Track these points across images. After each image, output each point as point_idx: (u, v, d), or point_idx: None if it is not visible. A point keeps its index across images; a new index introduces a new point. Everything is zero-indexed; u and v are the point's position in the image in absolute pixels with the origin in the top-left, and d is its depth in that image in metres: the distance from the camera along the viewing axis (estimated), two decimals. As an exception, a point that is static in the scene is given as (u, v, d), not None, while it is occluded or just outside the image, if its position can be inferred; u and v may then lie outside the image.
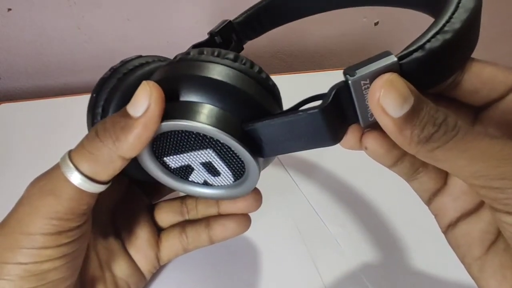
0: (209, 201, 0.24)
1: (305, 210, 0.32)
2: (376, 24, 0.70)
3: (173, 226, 0.25)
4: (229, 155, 0.18)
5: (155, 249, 0.24)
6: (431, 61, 0.14)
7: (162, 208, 0.26)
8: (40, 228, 0.17)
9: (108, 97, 0.21)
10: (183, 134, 0.17)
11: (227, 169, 0.19)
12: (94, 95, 0.21)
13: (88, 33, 0.53)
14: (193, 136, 0.17)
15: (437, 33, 0.14)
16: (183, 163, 0.19)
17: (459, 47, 0.15)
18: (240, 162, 0.18)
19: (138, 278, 0.23)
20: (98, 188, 0.17)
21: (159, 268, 0.25)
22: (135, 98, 0.16)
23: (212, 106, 0.17)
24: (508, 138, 0.15)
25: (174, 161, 0.19)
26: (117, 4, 0.52)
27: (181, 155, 0.19)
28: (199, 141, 0.18)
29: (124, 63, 0.22)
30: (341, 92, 0.15)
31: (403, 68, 0.14)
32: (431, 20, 0.16)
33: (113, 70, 0.21)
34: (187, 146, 0.18)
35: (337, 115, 0.16)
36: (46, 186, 0.17)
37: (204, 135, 0.17)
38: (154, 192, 0.27)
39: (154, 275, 0.26)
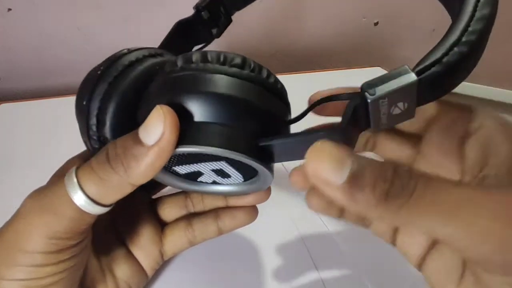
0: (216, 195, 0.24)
1: (305, 210, 0.32)
2: (376, 24, 0.70)
3: (178, 220, 0.25)
4: (242, 165, 0.17)
5: (159, 245, 0.24)
6: (447, 74, 0.14)
7: (165, 203, 0.25)
8: (39, 247, 0.16)
9: (102, 106, 0.19)
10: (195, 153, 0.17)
11: (238, 173, 0.19)
12: (84, 102, 0.19)
13: (88, 33, 0.53)
14: (206, 154, 0.17)
15: (454, 44, 0.14)
16: (192, 170, 0.19)
17: (473, 58, 0.15)
18: (253, 169, 0.18)
19: (140, 278, 0.23)
20: (101, 210, 0.17)
21: (162, 263, 0.25)
22: (148, 124, 0.15)
23: (224, 126, 0.16)
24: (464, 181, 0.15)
25: (183, 169, 0.19)
26: (116, 5, 0.52)
27: (192, 165, 0.18)
28: (212, 157, 0.17)
29: (111, 62, 0.19)
30: (359, 108, 0.15)
31: (420, 83, 0.14)
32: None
33: (101, 72, 0.19)
34: (199, 159, 0.18)
35: (352, 125, 0.16)
36: (47, 204, 0.16)
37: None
38: (153, 186, 0.26)
39: (154, 275, 0.26)
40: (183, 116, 0.16)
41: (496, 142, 0.15)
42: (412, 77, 0.13)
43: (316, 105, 0.18)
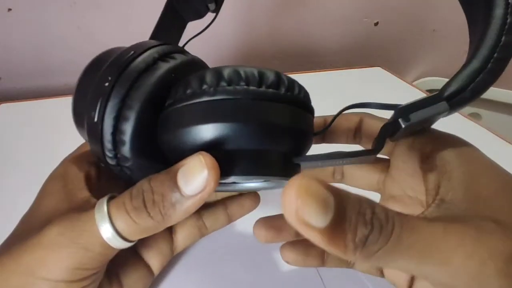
0: None
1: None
2: (376, 24, 0.70)
3: None
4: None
5: (169, 241, 0.23)
6: (471, 99, 0.14)
7: None
8: (63, 276, 0.16)
9: (118, 125, 0.17)
10: None
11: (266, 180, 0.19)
12: (95, 120, 0.17)
13: (88, 33, 0.53)
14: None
15: (481, 70, 0.14)
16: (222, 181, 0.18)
17: (494, 81, 0.15)
18: None
19: (146, 280, 0.23)
20: (125, 245, 0.17)
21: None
22: (189, 174, 0.14)
23: (264, 151, 0.15)
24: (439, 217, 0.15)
25: None
26: (116, 4, 0.52)
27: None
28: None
29: (120, 69, 0.17)
30: (389, 128, 0.15)
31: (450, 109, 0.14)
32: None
33: (112, 85, 0.17)
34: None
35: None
36: (75, 237, 0.16)
37: None
38: None
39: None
40: (220, 143, 0.15)
41: (452, 166, 0.15)
42: (444, 106, 0.14)
43: (341, 112, 0.18)
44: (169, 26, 0.22)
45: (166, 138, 0.17)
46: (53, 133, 0.42)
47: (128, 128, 0.17)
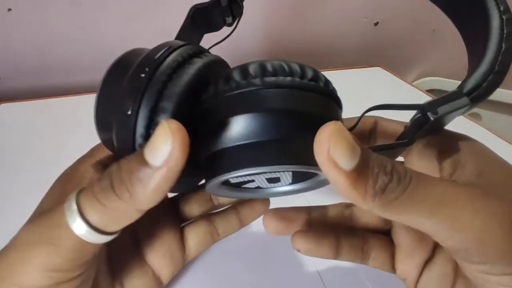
0: None
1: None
2: (376, 24, 0.70)
3: (198, 219, 0.24)
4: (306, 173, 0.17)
5: (181, 250, 0.23)
6: (485, 96, 0.16)
7: (187, 201, 0.24)
8: (36, 281, 0.15)
9: (154, 118, 0.16)
10: None
11: (291, 177, 0.18)
12: (129, 112, 0.15)
13: (89, 33, 0.53)
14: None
15: (490, 71, 0.16)
16: (246, 180, 0.18)
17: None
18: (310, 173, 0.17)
19: None
20: (104, 239, 0.15)
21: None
22: (153, 143, 0.13)
23: (296, 141, 0.15)
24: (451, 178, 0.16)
25: (236, 179, 0.17)
26: (119, 5, 0.52)
27: (250, 177, 0.17)
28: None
29: (156, 63, 0.16)
30: (421, 122, 0.16)
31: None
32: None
33: (148, 77, 0.16)
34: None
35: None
36: (44, 233, 0.15)
37: None
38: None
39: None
40: (255, 132, 0.15)
41: (465, 158, 0.17)
42: (466, 101, 0.16)
43: (364, 113, 0.18)
44: (189, 37, 0.22)
45: (207, 130, 0.16)
46: (53, 133, 0.42)
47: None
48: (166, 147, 0.13)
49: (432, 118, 0.15)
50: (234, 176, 0.16)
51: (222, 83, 0.16)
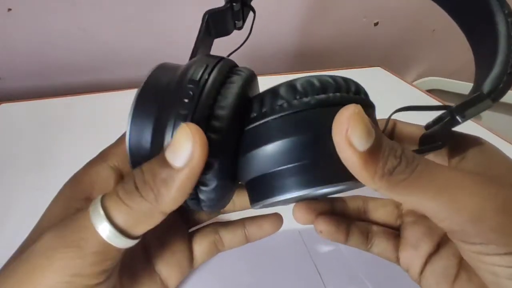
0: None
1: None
2: (376, 24, 0.70)
3: (204, 229, 0.24)
4: None
5: (189, 258, 0.23)
6: (502, 95, 0.17)
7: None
8: (59, 285, 0.15)
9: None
10: None
11: None
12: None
13: (88, 33, 0.53)
14: None
15: (504, 72, 0.16)
16: None
17: None
18: None
19: None
20: (128, 243, 0.15)
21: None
22: (175, 144, 0.14)
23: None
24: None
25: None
26: (117, 5, 0.52)
27: None
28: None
29: (199, 84, 0.16)
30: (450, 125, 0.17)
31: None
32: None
33: (194, 100, 0.15)
34: None
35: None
36: (69, 236, 0.15)
37: None
38: None
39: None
40: (315, 152, 0.15)
41: (472, 153, 0.18)
42: (489, 103, 0.16)
43: (395, 113, 0.19)
44: (204, 43, 0.22)
45: (261, 150, 0.16)
46: (53, 133, 0.42)
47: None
48: (187, 148, 0.14)
49: (461, 121, 0.16)
50: (298, 196, 0.16)
51: (271, 102, 0.16)
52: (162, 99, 0.16)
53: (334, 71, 0.62)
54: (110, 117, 0.46)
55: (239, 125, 0.17)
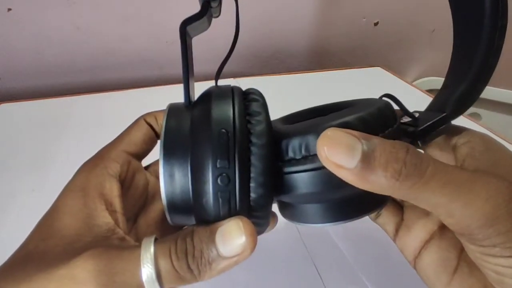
0: None
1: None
2: (376, 24, 0.70)
3: None
4: None
5: None
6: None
7: None
8: None
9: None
10: None
11: None
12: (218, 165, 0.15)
13: (87, 33, 0.53)
14: None
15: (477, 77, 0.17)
16: None
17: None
18: None
19: None
20: None
21: None
22: (226, 236, 0.15)
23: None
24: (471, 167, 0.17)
25: None
26: (116, 4, 0.52)
27: None
28: None
29: (230, 122, 0.16)
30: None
31: None
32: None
33: (231, 138, 0.15)
34: None
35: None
36: (116, 276, 0.15)
37: None
38: None
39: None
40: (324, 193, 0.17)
41: (478, 148, 0.18)
42: (450, 121, 0.17)
43: (383, 97, 0.19)
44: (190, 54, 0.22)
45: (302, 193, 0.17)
46: (52, 133, 0.42)
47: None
48: (238, 243, 0.15)
49: (421, 146, 0.17)
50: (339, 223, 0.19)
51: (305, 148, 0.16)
52: (195, 153, 0.16)
53: (334, 71, 0.62)
54: (110, 117, 0.46)
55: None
